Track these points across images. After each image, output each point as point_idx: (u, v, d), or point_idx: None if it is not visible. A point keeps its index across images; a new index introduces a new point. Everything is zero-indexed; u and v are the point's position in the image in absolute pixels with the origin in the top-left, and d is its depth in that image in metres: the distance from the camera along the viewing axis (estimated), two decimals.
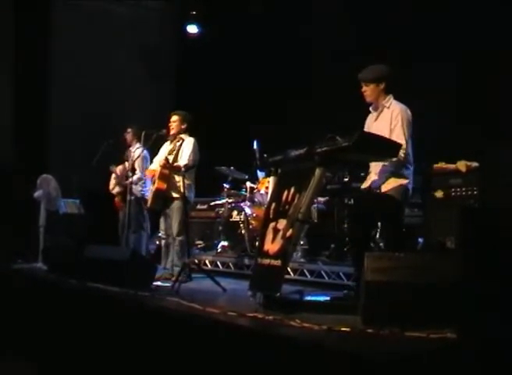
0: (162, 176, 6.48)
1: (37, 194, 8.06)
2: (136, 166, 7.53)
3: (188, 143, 6.59)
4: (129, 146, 7.93)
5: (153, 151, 7.86)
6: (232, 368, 3.46)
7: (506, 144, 4.88)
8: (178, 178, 6.44)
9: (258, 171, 8.05)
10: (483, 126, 6.42)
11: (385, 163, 4.73)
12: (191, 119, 6.83)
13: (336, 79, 7.91)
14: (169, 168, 6.42)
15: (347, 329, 3.39)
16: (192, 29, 10.70)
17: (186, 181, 6.42)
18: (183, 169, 6.36)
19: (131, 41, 10.91)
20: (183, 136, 6.63)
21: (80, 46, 10.30)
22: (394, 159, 4.60)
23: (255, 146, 7.63)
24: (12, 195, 8.65)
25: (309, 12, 8.76)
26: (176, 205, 6.51)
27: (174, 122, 6.71)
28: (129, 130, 7.93)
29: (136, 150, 7.61)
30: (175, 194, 6.52)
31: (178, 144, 6.47)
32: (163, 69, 11.37)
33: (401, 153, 4.58)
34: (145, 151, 7.43)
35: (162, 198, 6.55)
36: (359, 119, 5.27)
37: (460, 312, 3.11)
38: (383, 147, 4.43)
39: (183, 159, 6.47)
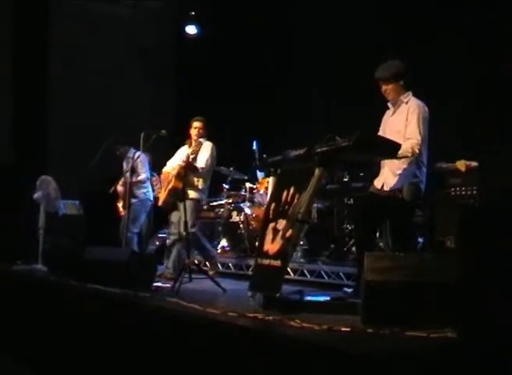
0: (179, 176, 6.55)
1: (36, 195, 8.04)
2: (139, 168, 7.57)
3: (206, 146, 6.72)
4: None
5: (152, 153, 7.89)
6: (233, 368, 3.46)
7: (506, 143, 4.88)
8: (195, 179, 6.59)
9: (258, 171, 8.06)
10: (482, 126, 6.42)
11: (403, 164, 4.70)
12: (207, 122, 6.92)
13: (337, 78, 7.93)
14: (189, 167, 6.47)
15: (347, 329, 3.38)
16: (191, 29, 10.69)
17: (201, 183, 6.62)
18: (199, 170, 6.54)
19: (130, 41, 10.90)
20: (201, 140, 6.75)
21: (79, 46, 10.30)
22: (410, 156, 4.59)
23: (254, 146, 7.64)
24: (11, 196, 8.64)
25: (309, 10, 8.74)
26: (188, 204, 6.55)
27: (200, 128, 6.80)
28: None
29: (136, 152, 7.60)
30: (191, 195, 6.60)
31: (197, 147, 6.59)
32: (162, 70, 11.37)
33: (416, 149, 4.58)
34: (142, 154, 7.46)
35: (175, 197, 6.58)
36: (359, 119, 5.28)
37: (461, 312, 3.11)
38: (383, 147, 4.43)
39: (200, 162, 6.59)
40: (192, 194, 6.62)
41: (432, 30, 7.10)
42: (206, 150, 6.68)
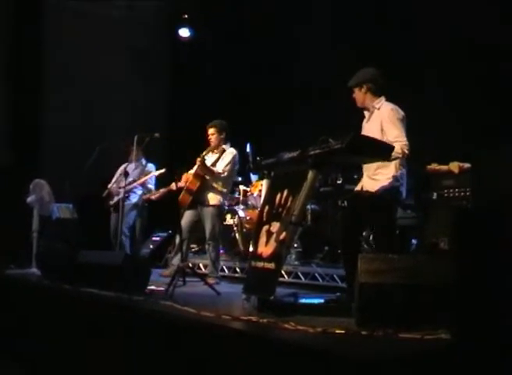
0: (196, 176, 6.60)
1: (29, 199, 8.03)
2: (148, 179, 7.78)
3: (228, 154, 6.71)
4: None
5: (148, 155, 7.91)
6: (227, 371, 3.45)
7: (500, 144, 4.89)
8: (216, 184, 6.59)
9: (251, 174, 8.06)
10: (475, 127, 6.43)
11: (380, 169, 4.70)
12: (228, 126, 6.87)
13: (330, 80, 7.91)
14: (203, 166, 6.51)
15: (342, 331, 3.39)
16: (184, 32, 10.69)
17: (222, 188, 6.64)
18: (214, 173, 6.55)
19: (124, 43, 10.89)
20: (224, 146, 6.75)
21: (73, 48, 10.26)
22: (400, 158, 4.60)
23: (248, 149, 7.64)
24: (4, 200, 8.61)
25: (304, 12, 8.73)
26: (210, 211, 6.60)
27: (212, 134, 6.78)
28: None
29: (148, 163, 7.82)
30: (211, 200, 6.62)
31: (219, 154, 6.67)
32: (156, 72, 11.35)
33: (405, 150, 4.59)
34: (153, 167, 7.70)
35: (192, 199, 6.59)
36: (353, 121, 5.28)
37: (455, 313, 3.11)
38: (376, 149, 4.43)
39: (218, 168, 6.61)
40: (212, 199, 6.63)
41: (431, 29, 7.10)
42: (227, 157, 6.67)
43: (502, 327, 2.93)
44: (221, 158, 6.68)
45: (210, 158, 6.76)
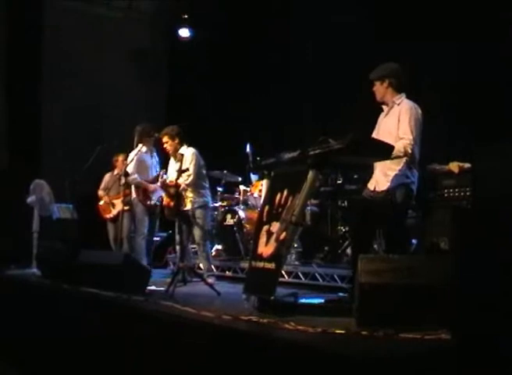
0: (169, 195, 6.63)
1: (30, 199, 8.04)
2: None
3: (188, 157, 6.61)
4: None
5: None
6: (227, 371, 3.45)
7: (500, 143, 4.89)
8: (188, 191, 6.61)
9: (251, 174, 8.06)
10: (475, 127, 6.43)
11: (394, 165, 4.70)
12: (179, 131, 6.79)
13: (332, 80, 7.92)
14: (170, 187, 6.51)
15: (342, 331, 3.38)
16: (184, 32, 10.71)
17: (199, 189, 6.64)
18: (183, 185, 6.49)
19: (123, 44, 10.90)
20: (181, 151, 6.66)
21: (72, 50, 10.28)
22: (402, 156, 4.58)
23: (248, 149, 7.65)
24: (5, 201, 8.62)
25: (305, 11, 8.72)
26: (190, 216, 6.62)
27: (166, 142, 6.77)
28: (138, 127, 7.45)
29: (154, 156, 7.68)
30: (187, 207, 6.64)
31: (179, 161, 6.52)
32: (155, 73, 11.37)
33: (408, 148, 4.57)
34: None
35: (174, 210, 6.60)
36: (354, 121, 5.29)
37: (455, 313, 3.11)
38: (376, 148, 4.43)
39: (190, 171, 6.54)
40: (187, 204, 6.63)
41: (428, 28, 7.09)
42: (189, 160, 6.59)
43: (502, 327, 2.93)
44: (183, 164, 6.45)
45: (174, 167, 6.72)
